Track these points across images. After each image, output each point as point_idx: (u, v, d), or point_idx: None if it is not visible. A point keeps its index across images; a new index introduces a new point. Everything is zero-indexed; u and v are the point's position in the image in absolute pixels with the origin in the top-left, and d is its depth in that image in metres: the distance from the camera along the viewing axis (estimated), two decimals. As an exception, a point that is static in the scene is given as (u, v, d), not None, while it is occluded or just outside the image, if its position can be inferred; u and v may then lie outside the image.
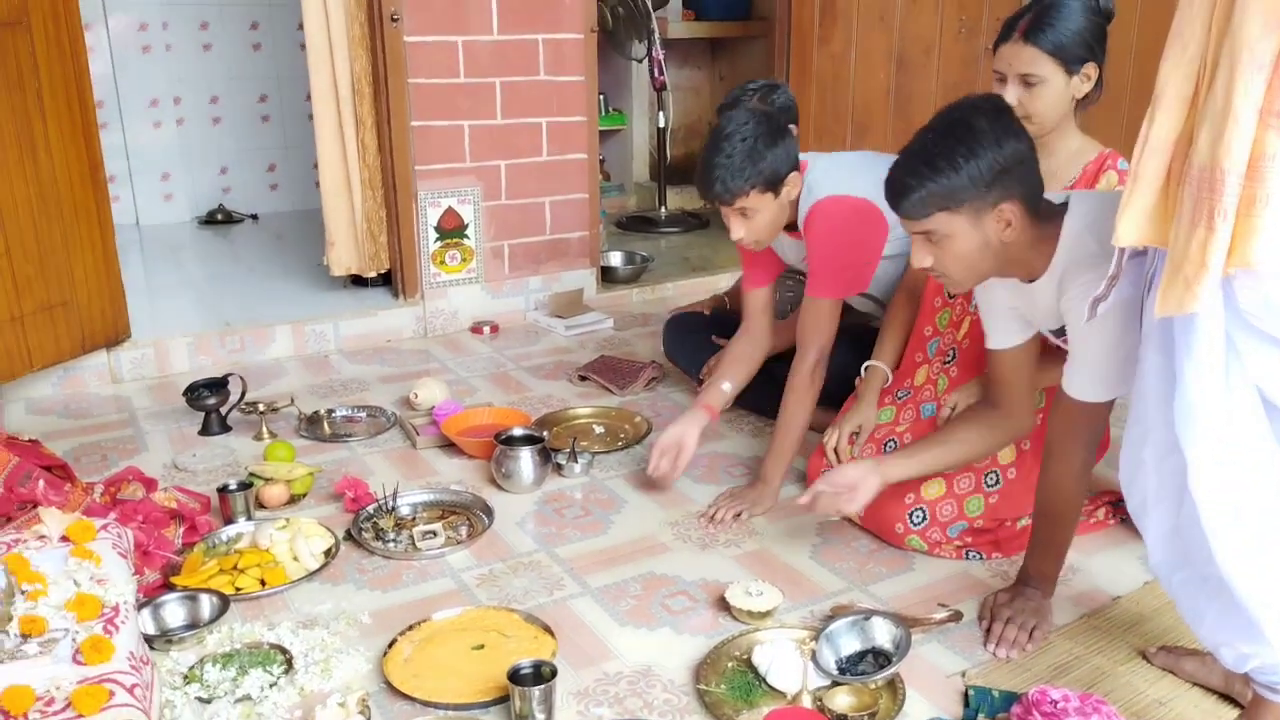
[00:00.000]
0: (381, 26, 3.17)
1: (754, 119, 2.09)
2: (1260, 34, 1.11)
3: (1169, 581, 1.43)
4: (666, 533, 2.11)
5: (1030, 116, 1.90)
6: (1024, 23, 1.90)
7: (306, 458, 2.43)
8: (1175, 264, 1.21)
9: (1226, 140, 1.14)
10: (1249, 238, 1.15)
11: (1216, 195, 1.15)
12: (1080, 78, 1.91)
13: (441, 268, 3.47)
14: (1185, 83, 1.24)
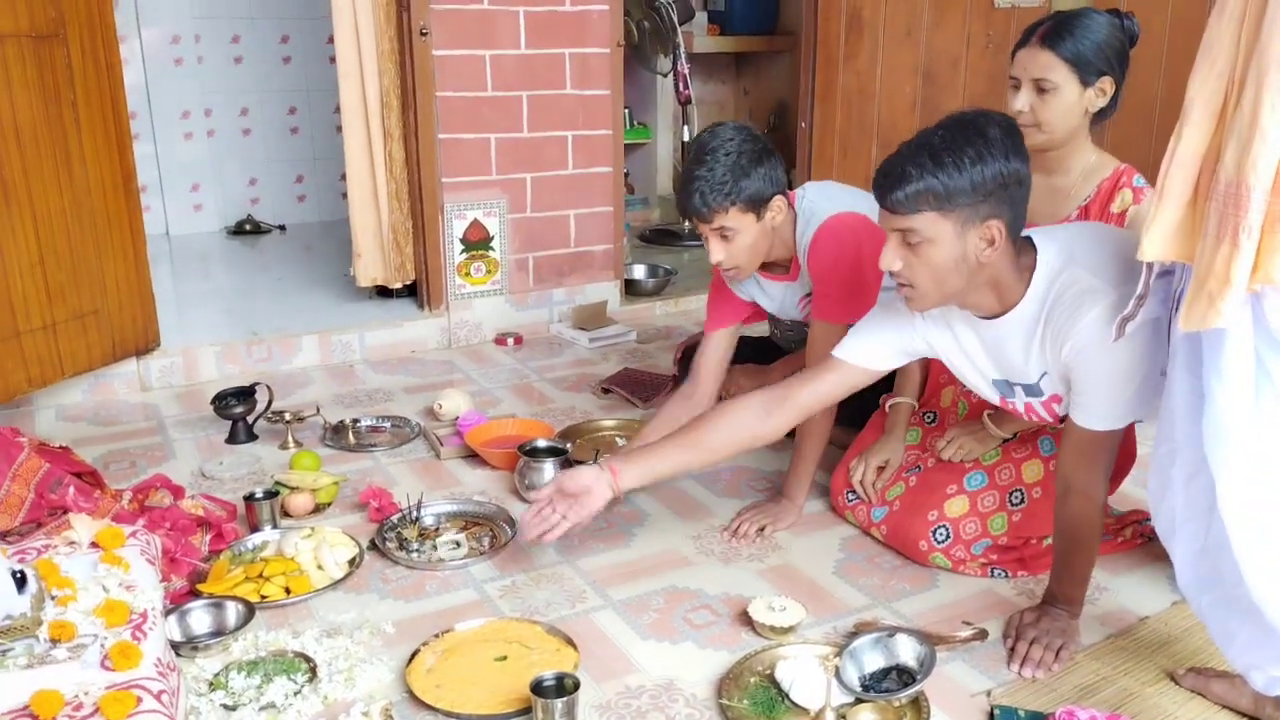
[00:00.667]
0: (410, 40, 3.20)
1: (740, 135, 2.01)
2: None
3: (1198, 602, 1.42)
4: (689, 546, 2.11)
5: (1041, 124, 1.88)
6: (1044, 28, 1.89)
7: (332, 467, 2.44)
8: (1200, 279, 1.21)
9: (1253, 156, 1.13)
10: (1274, 254, 1.14)
11: (1242, 211, 1.15)
12: (1095, 90, 1.88)
13: (466, 279, 3.49)
14: (1214, 98, 1.23)
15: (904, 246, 1.54)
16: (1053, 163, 1.96)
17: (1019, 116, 1.90)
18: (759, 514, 2.18)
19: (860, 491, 2.14)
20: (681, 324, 3.77)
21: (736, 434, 1.87)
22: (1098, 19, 1.88)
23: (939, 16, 3.74)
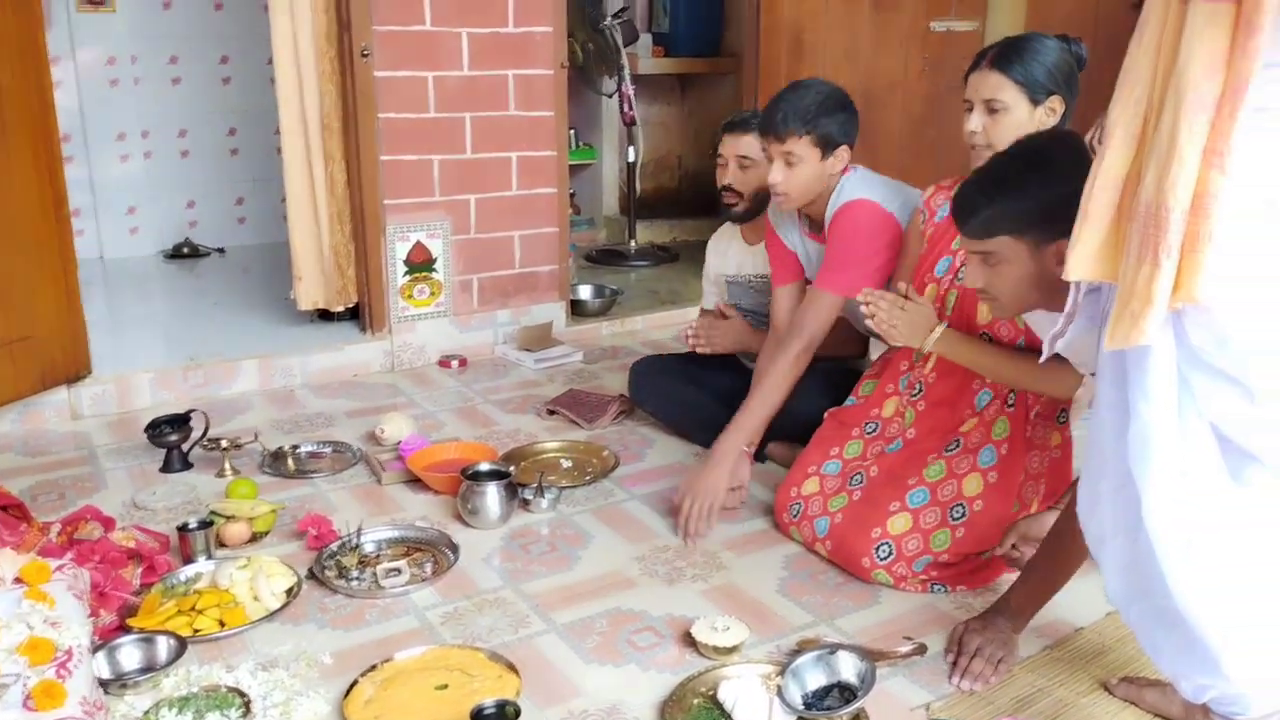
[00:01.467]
0: (352, 62, 3.18)
1: (831, 86, 2.26)
2: (1203, 76, 1.14)
3: (1127, 613, 1.45)
4: (633, 568, 2.11)
5: (993, 144, 1.94)
6: (994, 52, 1.97)
7: (270, 495, 2.40)
8: (1124, 299, 1.23)
9: (1172, 178, 1.17)
10: (1193, 274, 1.17)
11: (1162, 232, 1.18)
12: (1045, 110, 1.94)
13: (410, 301, 3.46)
14: (1133, 121, 1.27)
15: (984, 266, 1.64)
16: None
17: (972, 137, 1.97)
18: (694, 487, 2.22)
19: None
20: (629, 344, 3.77)
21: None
22: (1046, 42, 1.96)
23: (877, 40, 3.81)
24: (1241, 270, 1.20)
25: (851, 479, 2.14)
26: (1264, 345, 1.23)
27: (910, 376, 2.17)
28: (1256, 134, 1.16)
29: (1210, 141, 1.15)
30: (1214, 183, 1.15)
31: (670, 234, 5.47)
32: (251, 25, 4.67)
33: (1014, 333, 1.98)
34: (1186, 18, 1.16)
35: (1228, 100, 1.14)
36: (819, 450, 2.23)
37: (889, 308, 1.97)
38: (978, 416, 2.05)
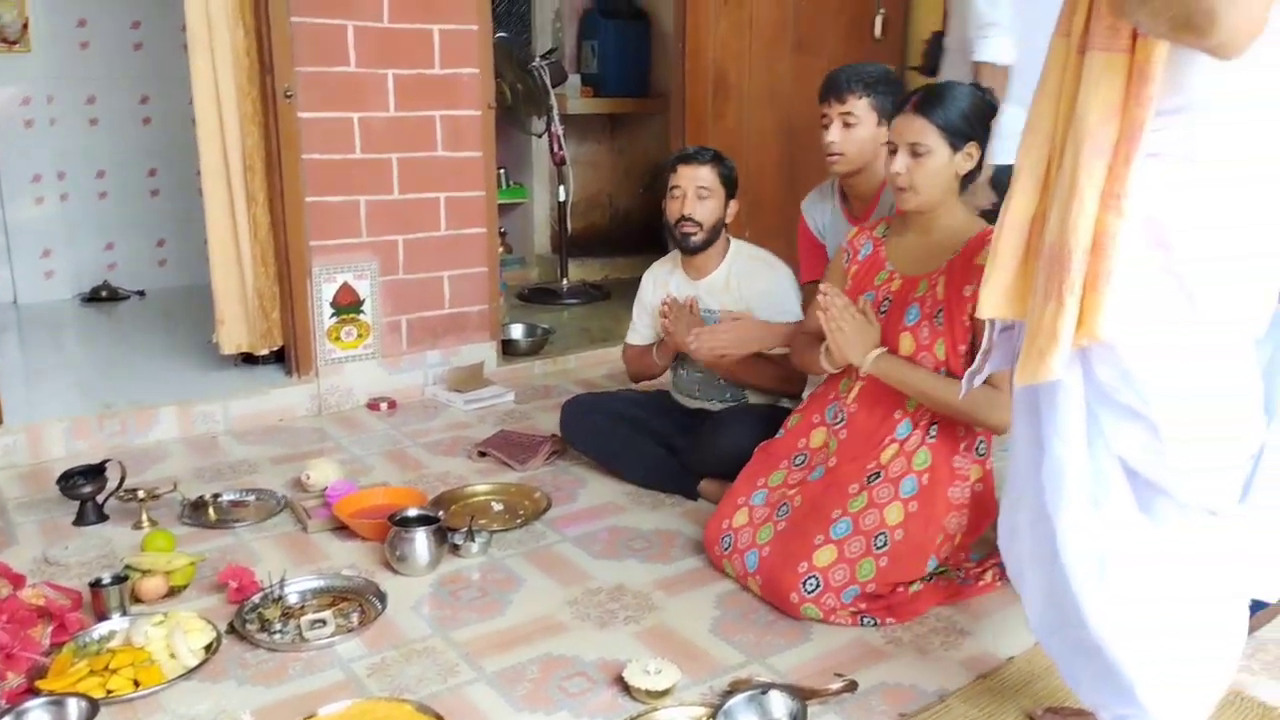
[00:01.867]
0: (275, 103, 3.15)
1: (886, 69, 2.46)
2: (1099, 123, 1.19)
3: (1048, 644, 1.48)
4: (565, 611, 2.08)
5: (915, 186, 2.02)
6: (916, 98, 2.05)
7: (189, 546, 2.33)
8: (1031, 336, 1.27)
9: (1073, 220, 1.21)
10: (1094, 312, 1.21)
11: (1065, 271, 1.22)
12: (963, 155, 2.03)
13: (337, 344, 3.41)
14: (1038, 165, 1.32)
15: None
16: (926, 222, 2.12)
17: (896, 179, 2.03)
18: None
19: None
20: (561, 383, 3.76)
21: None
22: (962, 90, 2.06)
23: (800, 81, 3.90)
24: (1139, 314, 1.24)
25: (778, 509, 2.15)
26: (1166, 386, 1.27)
27: (835, 406, 2.20)
28: (1151, 178, 1.21)
29: (1108, 185, 1.19)
30: (1111, 224, 1.19)
31: (602, 271, 5.49)
32: (172, 65, 4.59)
33: (936, 365, 2.04)
34: (1083, 67, 1.21)
35: (1123, 146, 1.19)
36: (747, 482, 2.26)
37: (843, 309, 2.08)
38: (899, 445, 2.09)
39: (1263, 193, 1.21)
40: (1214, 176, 1.21)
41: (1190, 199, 1.22)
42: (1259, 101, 1.19)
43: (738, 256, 2.68)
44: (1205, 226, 1.22)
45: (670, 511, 2.58)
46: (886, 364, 2.07)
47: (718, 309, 2.67)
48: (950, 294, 2.03)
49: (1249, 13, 1.05)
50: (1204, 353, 1.26)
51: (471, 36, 3.47)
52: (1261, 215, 1.22)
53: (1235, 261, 1.23)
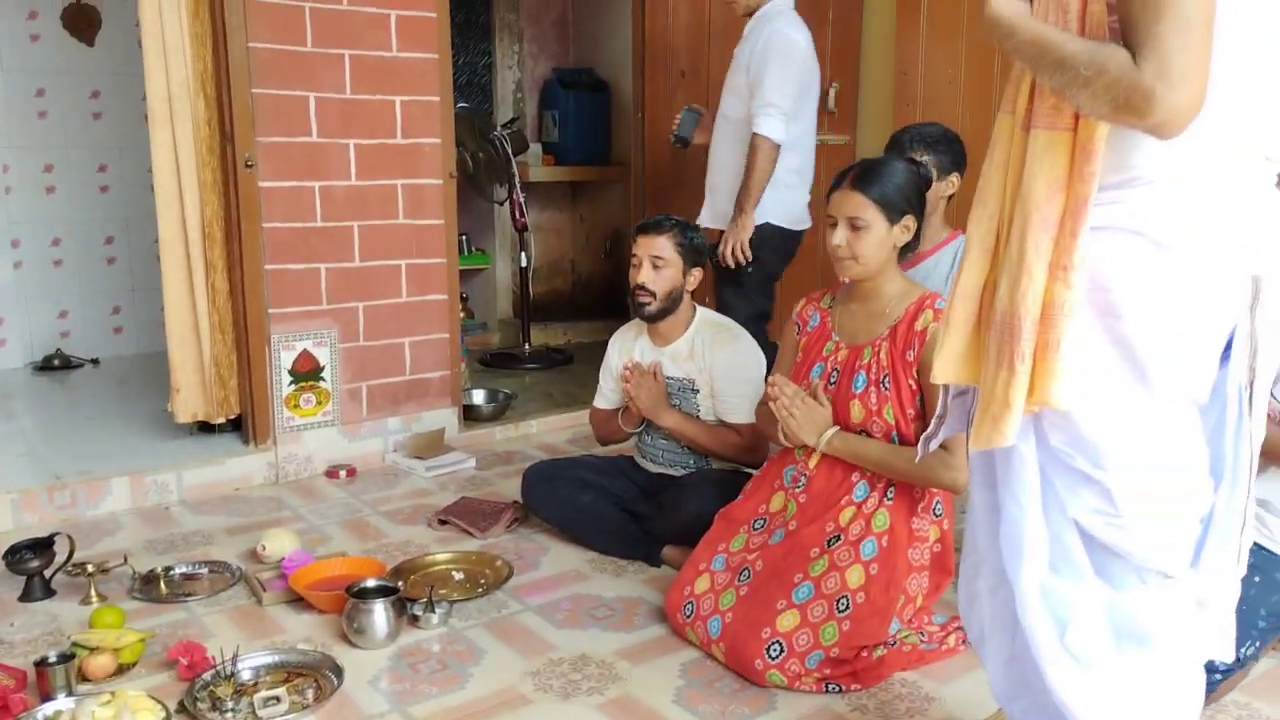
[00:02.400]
0: (235, 172, 3.16)
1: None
2: (1045, 198, 1.23)
3: (1010, 709, 1.48)
4: (527, 683, 2.05)
5: (857, 257, 2.09)
6: (854, 174, 2.13)
7: (139, 622, 2.27)
8: (985, 403, 1.30)
9: (1022, 291, 1.24)
10: (1045, 379, 1.24)
11: (1016, 340, 1.25)
12: (900, 228, 2.11)
13: (295, 411, 3.37)
14: (986, 236, 1.35)
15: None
16: (868, 291, 2.18)
17: (837, 250, 2.10)
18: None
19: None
20: (523, 449, 3.74)
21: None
22: (897, 166, 2.15)
23: (755, 152, 3.98)
24: (1088, 382, 1.27)
25: (740, 575, 2.15)
26: (1118, 452, 1.29)
27: (794, 470, 2.22)
28: (1100, 251, 1.25)
29: (1055, 257, 1.23)
30: (1059, 295, 1.23)
31: (564, 336, 5.51)
32: (131, 134, 4.62)
33: (887, 429, 2.09)
34: (1028, 144, 1.26)
35: (1069, 220, 1.23)
36: (708, 549, 2.26)
37: (793, 396, 2.15)
38: (856, 508, 2.11)
39: (1208, 263, 1.25)
40: (1161, 250, 1.24)
41: (1138, 272, 1.25)
42: (1203, 173, 1.24)
43: (702, 325, 2.70)
44: (1153, 298, 1.25)
45: (633, 579, 2.57)
46: (840, 442, 2.13)
47: (680, 376, 2.68)
48: (894, 359, 2.09)
49: (1187, 93, 1.09)
50: (1152, 420, 1.29)
51: (433, 107, 3.52)
52: (1206, 285, 1.26)
53: (1182, 331, 1.26)
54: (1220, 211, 1.24)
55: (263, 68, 3.16)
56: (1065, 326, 1.22)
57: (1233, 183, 1.25)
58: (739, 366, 2.62)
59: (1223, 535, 1.36)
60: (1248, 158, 1.26)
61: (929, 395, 2.07)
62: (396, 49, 3.42)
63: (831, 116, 3.68)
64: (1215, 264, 1.25)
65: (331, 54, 3.29)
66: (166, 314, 3.26)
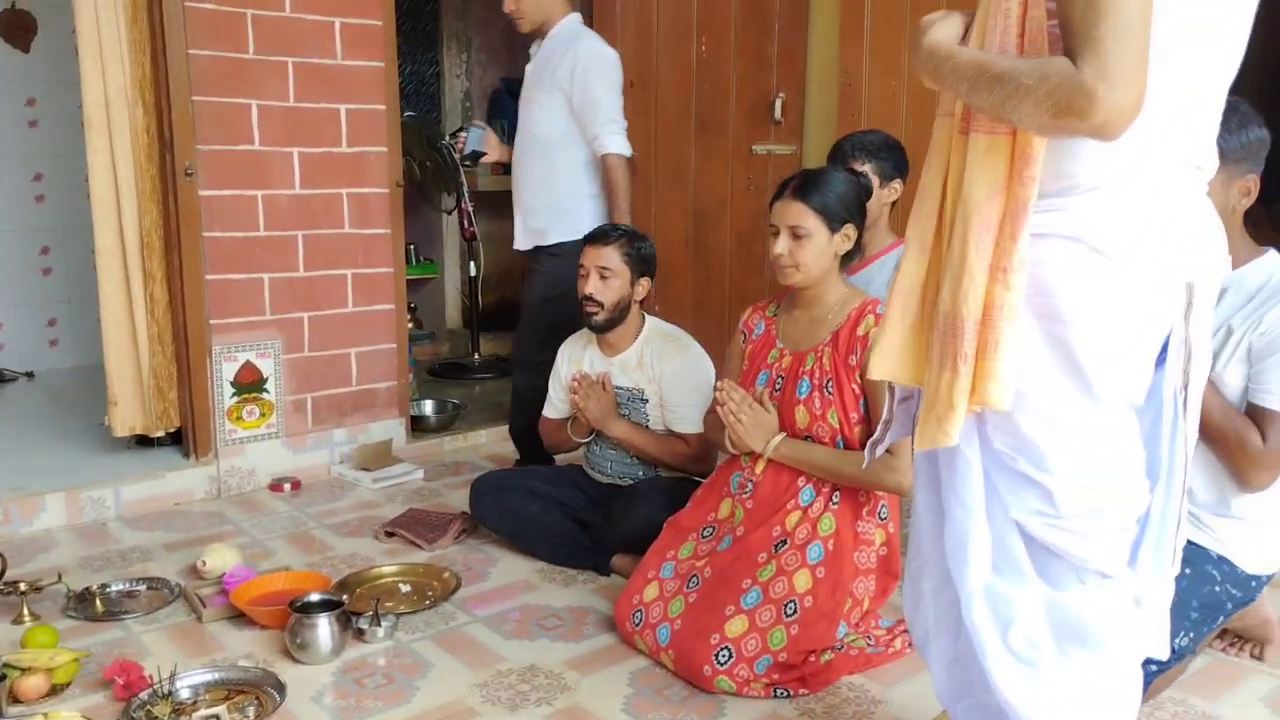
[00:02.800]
0: (174, 181, 3.10)
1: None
2: (985, 200, 1.25)
3: (954, 710, 1.49)
4: (475, 695, 2.03)
5: (799, 265, 2.12)
6: (795, 183, 2.15)
7: (73, 641, 2.20)
8: (929, 403, 1.31)
9: (964, 291, 1.26)
10: (984, 380, 1.26)
11: (959, 341, 1.26)
12: (841, 236, 2.13)
13: (238, 424, 3.31)
14: (924, 235, 1.37)
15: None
16: (811, 298, 2.21)
17: (779, 259, 2.11)
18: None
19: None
20: (472, 459, 3.72)
21: None
22: (838, 176, 2.18)
23: (704, 162, 4.00)
24: (1030, 386, 1.29)
25: (688, 582, 2.15)
26: (1059, 455, 1.31)
27: (741, 476, 2.23)
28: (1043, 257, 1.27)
29: (994, 259, 1.25)
30: (999, 296, 1.24)
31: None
32: (67, 143, 4.51)
33: (832, 433, 2.11)
34: (967, 148, 1.28)
35: (1008, 223, 1.25)
36: (656, 556, 2.26)
37: (740, 401, 2.16)
38: (802, 512, 2.12)
39: (1146, 270, 1.28)
40: (1100, 256, 1.26)
41: (1079, 278, 1.27)
42: (1139, 181, 1.26)
43: (652, 335, 2.70)
44: (1093, 303, 1.27)
45: (583, 588, 2.55)
46: (787, 448, 2.15)
47: (629, 386, 2.68)
48: (837, 364, 2.12)
49: (1128, 94, 1.11)
50: (1092, 422, 1.31)
51: (379, 116, 3.49)
52: (1144, 291, 1.28)
53: (1122, 336, 1.29)
54: (1157, 219, 1.27)
55: (203, 75, 3.11)
56: (1005, 328, 1.24)
57: (1167, 191, 1.28)
58: (688, 376, 2.62)
59: (1158, 535, 1.39)
60: (1179, 167, 1.29)
61: (873, 400, 2.09)
62: (341, 57, 3.38)
63: (778, 126, 3.71)
64: (1153, 270, 1.28)
65: (274, 61, 3.25)
66: (103, 325, 3.18)
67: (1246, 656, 2.17)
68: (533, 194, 3.22)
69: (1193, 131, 1.29)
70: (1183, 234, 1.28)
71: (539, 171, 3.18)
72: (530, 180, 3.22)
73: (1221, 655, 2.18)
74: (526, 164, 3.22)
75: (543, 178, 3.17)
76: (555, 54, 3.12)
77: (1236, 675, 2.10)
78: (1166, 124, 1.24)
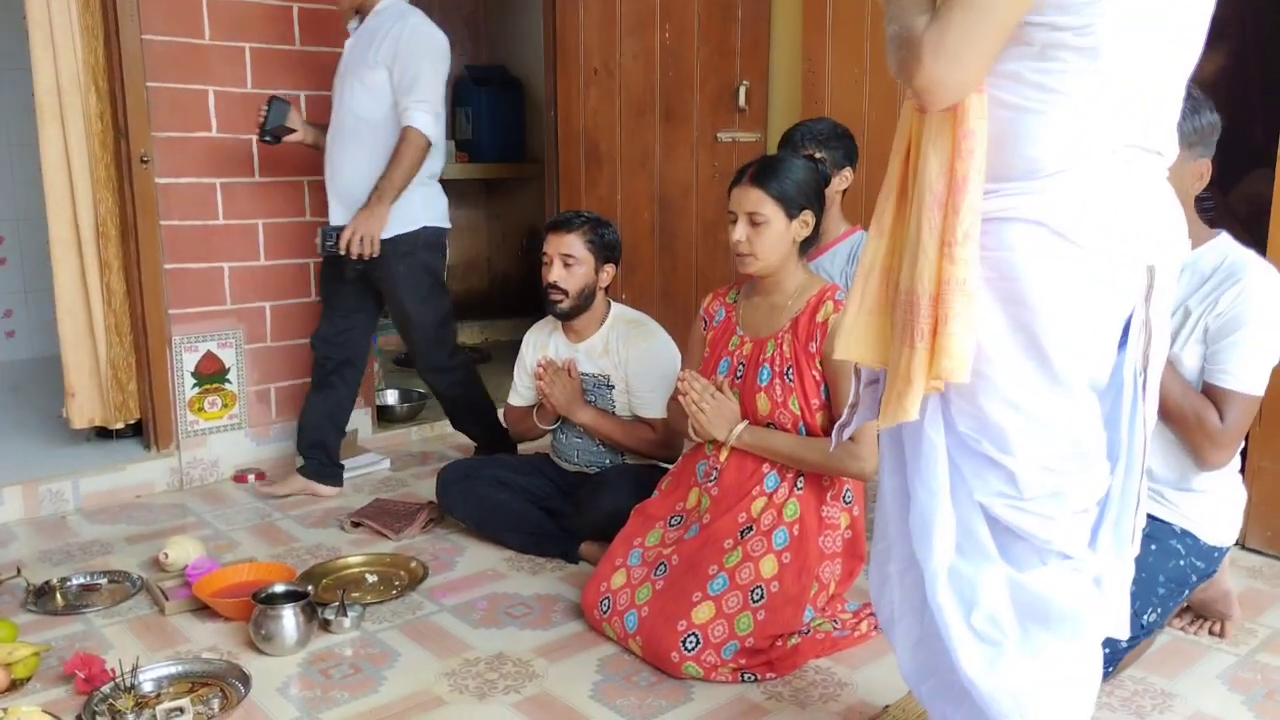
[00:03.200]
0: (130, 168, 3.04)
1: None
2: (937, 175, 1.26)
3: (919, 690, 1.51)
4: (442, 685, 2.02)
5: (756, 253, 2.11)
6: (752, 170, 2.14)
7: (33, 635, 2.17)
8: (891, 381, 1.32)
9: (919, 268, 1.27)
10: (938, 355, 1.27)
11: (915, 317, 1.27)
12: (799, 223, 2.13)
13: (200, 415, 3.27)
14: (883, 215, 1.38)
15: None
16: (770, 285, 2.21)
17: (737, 245, 2.11)
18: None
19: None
20: (439, 449, 3.70)
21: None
22: (796, 163, 2.17)
23: (669, 149, 3.99)
24: (994, 369, 1.30)
25: (656, 569, 2.16)
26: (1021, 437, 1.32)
27: (706, 464, 2.23)
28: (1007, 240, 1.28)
29: (942, 234, 1.26)
30: (947, 271, 1.25)
31: (481, 335, 5.45)
32: (22, 130, 4.40)
33: (794, 420, 2.11)
34: (925, 123, 1.29)
35: (951, 196, 1.25)
36: (623, 544, 2.26)
37: (702, 391, 2.15)
38: (767, 498, 2.13)
39: (1107, 253, 1.29)
40: (1062, 240, 1.27)
41: (1041, 262, 1.28)
42: (1100, 166, 1.27)
43: (617, 321, 2.70)
44: (1056, 286, 1.28)
45: (551, 576, 2.55)
46: (750, 436, 2.15)
47: (596, 372, 2.68)
48: (797, 350, 2.12)
49: (950, 73, 1.17)
50: (1054, 405, 1.33)
51: (341, 102, 3.44)
52: (1106, 275, 1.30)
53: (1083, 319, 1.30)
54: (1119, 203, 1.29)
55: (158, 60, 3.05)
56: (955, 302, 1.25)
57: (1129, 176, 1.29)
58: (653, 362, 2.62)
59: (1118, 516, 1.41)
60: (1139, 152, 1.31)
61: (834, 386, 2.10)
62: (299, 42, 3.34)
63: (742, 114, 3.70)
64: (1115, 254, 1.29)
65: (231, 47, 3.20)
66: (59, 316, 3.13)
67: (1206, 634, 2.21)
68: (352, 177, 2.97)
69: (1151, 118, 1.30)
70: (1144, 218, 1.30)
71: (358, 153, 2.96)
72: (350, 162, 2.98)
73: (1181, 634, 2.22)
74: (347, 146, 2.98)
75: (364, 160, 2.95)
76: (379, 31, 2.92)
77: (1196, 653, 2.14)
78: (1124, 111, 1.26)
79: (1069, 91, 1.23)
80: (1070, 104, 1.24)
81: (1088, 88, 1.23)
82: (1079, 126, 1.25)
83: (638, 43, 3.99)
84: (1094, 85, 1.22)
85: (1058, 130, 1.24)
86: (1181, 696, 1.97)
